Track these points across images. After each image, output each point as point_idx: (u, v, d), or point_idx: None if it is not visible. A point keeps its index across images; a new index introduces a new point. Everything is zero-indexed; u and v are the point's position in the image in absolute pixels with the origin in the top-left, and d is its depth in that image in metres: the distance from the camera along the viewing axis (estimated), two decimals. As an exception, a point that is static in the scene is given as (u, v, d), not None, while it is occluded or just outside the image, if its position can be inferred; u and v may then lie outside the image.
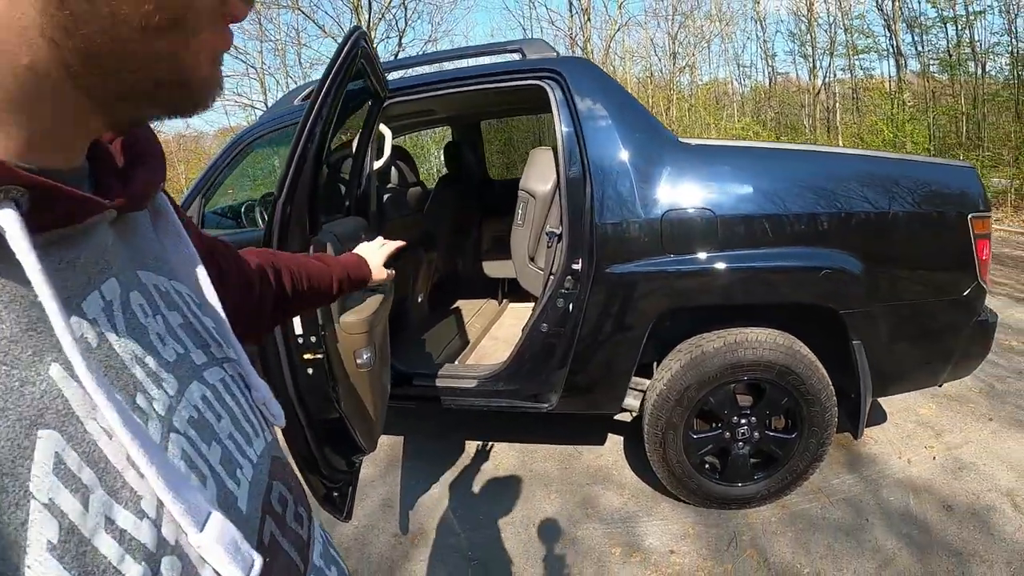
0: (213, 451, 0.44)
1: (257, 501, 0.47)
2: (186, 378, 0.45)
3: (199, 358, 0.48)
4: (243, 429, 0.49)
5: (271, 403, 0.56)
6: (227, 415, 0.48)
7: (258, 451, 0.51)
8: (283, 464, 0.56)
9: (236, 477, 0.45)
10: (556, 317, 2.47)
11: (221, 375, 0.50)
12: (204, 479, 0.41)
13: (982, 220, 2.33)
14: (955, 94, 11.85)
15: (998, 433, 3.03)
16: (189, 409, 0.43)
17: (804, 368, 2.34)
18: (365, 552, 2.53)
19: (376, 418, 2.11)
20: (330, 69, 1.79)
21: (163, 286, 0.48)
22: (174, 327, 0.47)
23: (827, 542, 2.36)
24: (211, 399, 0.47)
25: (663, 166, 2.32)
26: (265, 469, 0.51)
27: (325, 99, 1.79)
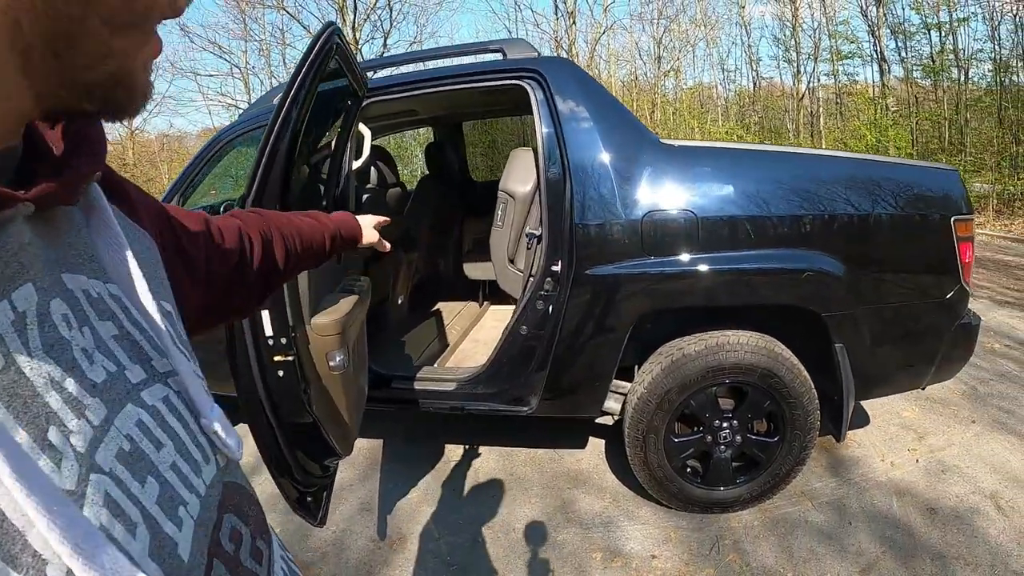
0: (149, 489, 0.38)
1: (204, 543, 0.41)
2: (118, 401, 0.39)
3: (136, 375, 0.42)
4: (190, 456, 0.43)
5: (225, 431, 0.48)
6: (170, 441, 0.42)
7: (208, 479, 0.45)
8: (239, 490, 0.49)
9: (177, 517, 0.39)
10: (535, 319, 2.44)
11: (164, 393, 0.44)
12: (134, 528, 0.35)
13: (965, 223, 2.32)
14: (938, 100, 11.97)
15: (981, 436, 3.03)
16: (119, 440, 0.37)
17: (786, 371, 2.32)
18: (343, 557, 2.49)
19: (351, 422, 2.07)
20: (301, 65, 1.74)
21: (95, 291, 0.42)
22: (105, 340, 0.41)
23: (810, 546, 2.34)
24: (149, 424, 0.41)
25: (644, 167, 2.29)
26: (215, 501, 0.45)
27: (297, 95, 1.74)
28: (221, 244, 0.76)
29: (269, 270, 0.87)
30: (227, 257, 0.77)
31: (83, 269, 0.42)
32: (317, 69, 1.77)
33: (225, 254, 0.76)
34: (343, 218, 1.15)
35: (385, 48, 16.37)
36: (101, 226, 0.46)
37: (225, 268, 0.76)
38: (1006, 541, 2.27)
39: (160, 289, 0.51)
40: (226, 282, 0.77)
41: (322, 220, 1.07)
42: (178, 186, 3.17)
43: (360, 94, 2.32)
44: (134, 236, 0.51)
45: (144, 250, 0.52)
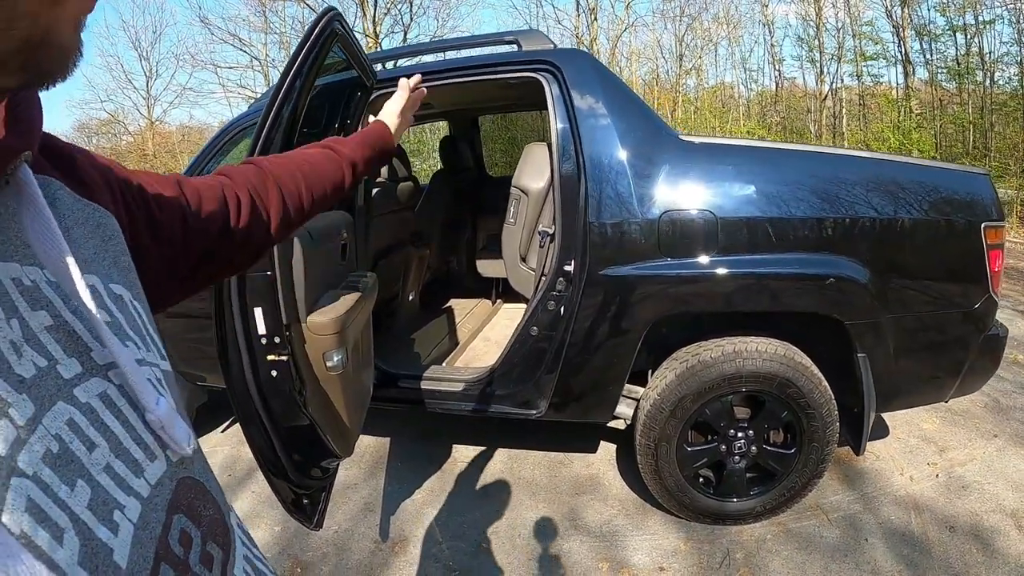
0: (79, 493, 0.35)
1: (148, 547, 0.39)
2: (48, 399, 0.36)
3: (70, 370, 0.39)
4: (128, 456, 0.40)
5: (172, 425, 0.44)
6: (104, 441, 0.39)
7: (153, 479, 0.42)
8: (194, 487, 0.46)
9: (112, 522, 0.36)
10: (547, 320, 2.37)
11: (101, 388, 0.41)
12: (61, 535, 0.32)
13: (995, 230, 2.24)
14: (963, 103, 11.80)
15: (1003, 450, 2.94)
16: (47, 441, 0.34)
17: (806, 381, 2.24)
18: (343, 558, 2.44)
19: (351, 423, 2.01)
20: (297, 52, 1.68)
21: (29, 278, 0.39)
22: (36, 332, 0.38)
23: (823, 563, 2.27)
24: (82, 423, 0.38)
25: (662, 164, 2.22)
26: (163, 501, 0.42)
27: (293, 82, 1.68)
28: (199, 209, 0.71)
29: (263, 229, 0.83)
30: (206, 223, 0.72)
31: (14, 256, 0.40)
32: (316, 56, 1.70)
33: (203, 220, 0.71)
34: (365, 135, 1.07)
35: (405, 43, 16.35)
36: (32, 210, 0.42)
37: (204, 235, 0.72)
38: (1027, 562, 2.19)
39: (113, 269, 0.48)
40: (207, 249, 0.73)
41: (338, 148, 0.99)
42: (189, 175, 3.12)
43: (368, 85, 2.26)
44: (83, 214, 0.48)
45: (96, 227, 0.49)
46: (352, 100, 2.37)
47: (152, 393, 0.44)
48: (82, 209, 0.48)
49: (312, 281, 1.82)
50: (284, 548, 2.52)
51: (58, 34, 0.37)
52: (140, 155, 21.97)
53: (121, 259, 0.51)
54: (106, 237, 0.50)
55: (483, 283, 4.21)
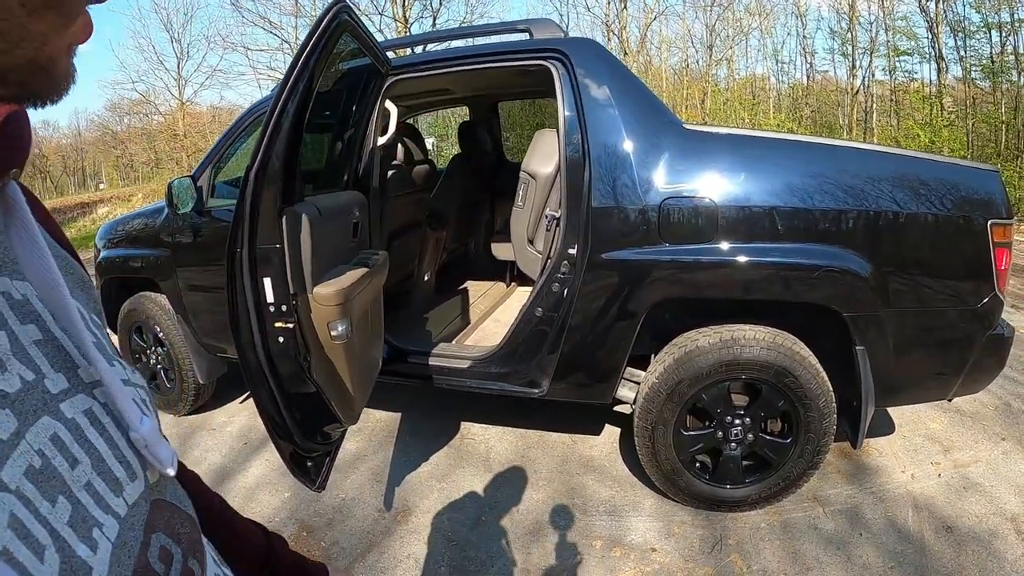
0: (60, 510, 0.35)
1: (127, 565, 0.39)
2: (32, 413, 0.36)
3: (56, 385, 0.39)
4: (109, 474, 0.40)
5: (155, 445, 0.45)
6: (87, 458, 0.39)
7: (131, 499, 0.42)
8: (169, 508, 0.47)
9: (92, 540, 0.36)
10: (551, 302, 2.43)
11: (86, 405, 0.41)
12: (41, 551, 0.32)
13: (1003, 227, 2.21)
14: (996, 102, 11.48)
15: (1010, 454, 2.90)
16: (29, 456, 0.34)
17: (803, 371, 2.26)
18: (347, 524, 2.54)
19: (356, 391, 2.09)
20: (306, 43, 1.79)
21: (19, 293, 0.40)
22: (25, 345, 0.38)
23: (815, 553, 2.29)
24: (66, 439, 0.38)
25: (664, 152, 2.25)
26: (140, 521, 0.42)
27: (304, 69, 1.78)
28: None
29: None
30: None
31: (3, 270, 0.40)
32: (323, 48, 1.80)
33: None
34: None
35: (434, 27, 16.34)
36: (20, 226, 0.42)
37: None
38: (1022, 568, 2.17)
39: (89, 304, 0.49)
40: None
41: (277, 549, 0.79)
42: (211, 158, 3.22)
43: (382, 71, 2.33)
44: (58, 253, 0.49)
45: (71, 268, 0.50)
46: (369, 85, 2.45)
47: (137, 412, 0.44)
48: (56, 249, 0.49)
49: (319, 254, 1.90)
50: (292, 513, 2.62)
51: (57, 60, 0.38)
52: (171, 135, 22.30)
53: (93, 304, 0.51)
54: (82, 279, 0.50)
55: (499, 265, 4.27)
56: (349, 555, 2.36)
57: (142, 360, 3.53)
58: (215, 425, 3.48)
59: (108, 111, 27.12)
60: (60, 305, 0.42)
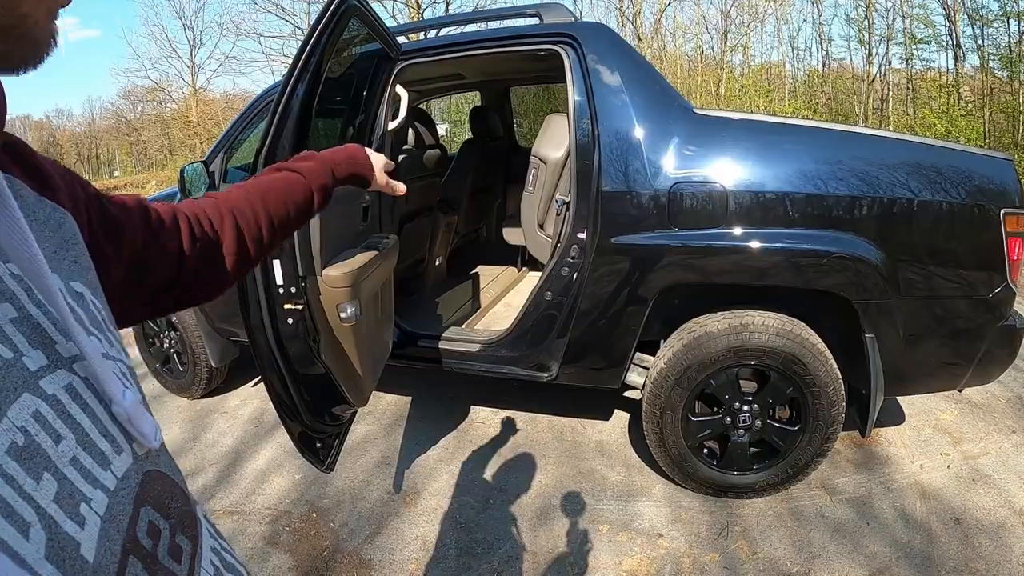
0: (44, 486, 0.35)
1: (116, 540, 0.39)
2: (12, 390, 0.36)
3: (35, 362, 0.39)
4: (95, 448, 0.40)
5: (138, 418, 0.44)
6: (71, 433, 0.39)
7: (120, 471, 0.41)
8: (160, 480, 0.46)
9: (79, 516, 0.36)
10: (560, 286, 2.44)
11: (67, 380, 0.41)
12: (27, 529, 0.32)
13: (1016, 217, 2.18)
14: (1014, 92, 11.30)
15: (1020, 447, 2.87)
16: (11, 433, 0.34)
17: (812, 358, 2.26)
18: (356, 506, 2.57)
19: (365, 373, 2.11)
20: (313, 29, 1.80)
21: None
22: (1, 324, 0.38)
23: (822, 542, 2.28)
24: (48, 415, 0.37)
25: (674, 136, 2.25)
26: (130, 495, 0.42)
27: (312, 53, 1.80)
28: (159, 228, 0.70)
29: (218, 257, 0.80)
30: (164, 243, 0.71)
31: None
32: (331, 34, 1.81)
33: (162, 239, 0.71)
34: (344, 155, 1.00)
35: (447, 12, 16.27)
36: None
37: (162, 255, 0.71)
38: (1030, 562, 2.16)
39: (73, 268, 0.48)
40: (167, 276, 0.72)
41: (307, 170, 0.93)
42: (223, 144, 3.24)
43: (393, 56, 2.34)
44: (44, 213, 0.48)
45: (57, 226, 0.49)
46: (379, 70, 2.46)
47: (118, 385, 0.44)
48: (43, 207, 0.48)
49: (328, 237, 1.92)
50: (302, 494, 2.65)
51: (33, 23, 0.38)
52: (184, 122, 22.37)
53: (81, 259, 0.50)
54: (66, 237, 0.49)
55: (510, 251, 4.28)
56: (358, 536, 2.39)
57: (155, 344, 3.57)
58: (228, 408, 3.52)
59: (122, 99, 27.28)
60: (40, 282, 0.41)
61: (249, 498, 2.67)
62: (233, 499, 2.68)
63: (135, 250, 0.65)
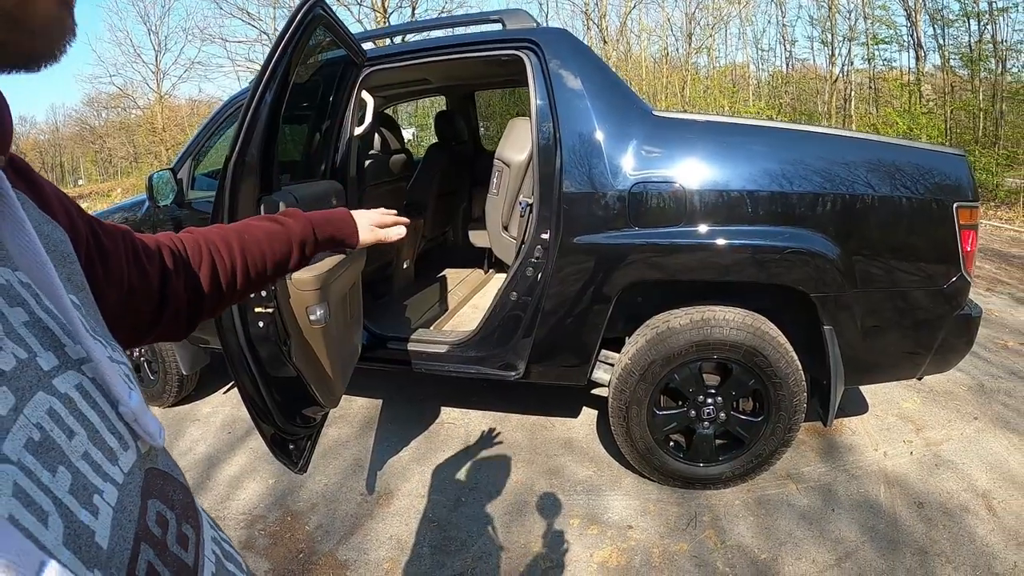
0: (60, 478, 0.36)
1: (128, 529, 0.40)
2: (28, 389, 0.37)
3: (48, 362, 0.40)
4: (104, 444, 0.42)
5: (144, 418, 0.46)
6: (83, 430, 0.40)
7: (126, 467, 0.43)
8: (163, 476, 0.48)
9: (92, 505, 0.38)
10: (525, 286, 2.47)
11: (77, 380, 0.42)
12: (45, 518, 0.34)
13: (969, 210, 2.25)
14: (974, 90, 11.60)
15: (982, 432, 2.95)
16: (28, 429, 0.36)
17: (772, 351, 2.31)
18: (331, 509, 2.58)
19: (335, 375, 2.13)
20: (280, 37, 1.82)
21: (3, 278, 0.41)
22: (16, 327, 0.39)
23: (789, 529, 2.34)
24: (61, 412, 0.39)
25: (634, 138, 2.29)
26: (137, 487, 0.44)
27: (279, 62, 1.82)
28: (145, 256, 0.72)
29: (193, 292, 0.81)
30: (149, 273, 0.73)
31: None
32: (298, 42, 1.84)
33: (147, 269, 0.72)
34: (330, 216, 1.02)
35: (413, 17, 16.26)
36: (6, 212, 0.43)
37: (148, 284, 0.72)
38: (994, 542, 2.22)
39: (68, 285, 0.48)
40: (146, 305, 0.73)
41: (287, 223, 0.95)
42: (190, 150, 3.22)
43: (358, 62, 2.36)
44: (47, 228, 0.50)
45: (58, 243, 0.50)
46: (345, 76, 2.48)
47: (125, 387, 0.46)
48: (45, 224, 0.49)
49: None
50: (277, 499, 2.65)
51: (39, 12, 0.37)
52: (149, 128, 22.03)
53: (75, 277, 0.51)
54: (64, 254, 0.50)
55: (477, 253, 4.30)
56: (333, 538, 2.40)
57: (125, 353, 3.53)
58: (200, 416, 3.50)
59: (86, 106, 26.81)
60: (49, 289, 0.43)
61: (224, 503, 2.67)
62: (208, 505, 2.67)
63: (122, 277, 0.67)
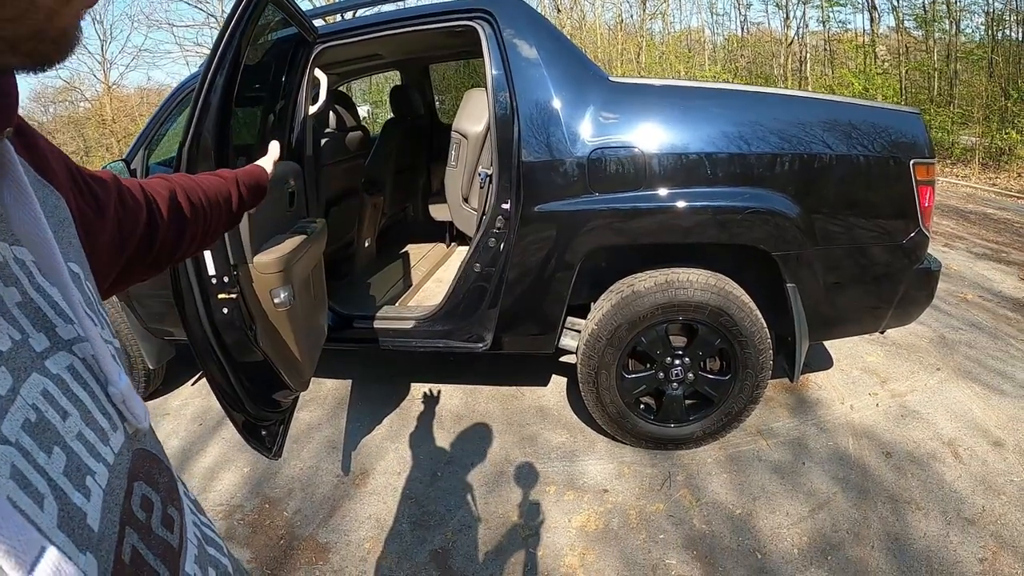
0: (55, 460, 0.36)
1: (115, 512, 0.41)
2: (23, 371, 0.37)
3: (40, 343, 0.40)
4: (96, 424, 0.42)
5: (132, 400, 0.47)
6: (76, 410, 0.41)
7: (116, 448, 0.44)
8: (149, 458, 0.49)
9: (85, 488, 0.38)
10: (488, 257, 2.47)
11: (68, 361, 0.42)
12: (41, 499, 0.34)
13: (925, 167, 2.29)
14: (928, 50, 11.79)
15: (945, 383, 3.03)
16: (25, 410, 0.36)
17: (737, 310, 2.34)
18: (308, 492, 2.56)
19: (303, 358, 2.11)
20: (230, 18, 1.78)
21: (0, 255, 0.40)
22: (10, 307, 0.39)
23: (762, 483, 2.39)
24: (55, 393, 0.39)
25: (590, 104, 2.28)
26: (124, 469, 0.44)
27: (229, 43, 1.78)
28: (129, 199, 0.74)
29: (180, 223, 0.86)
30: (136, 212, 0.75)
31: None
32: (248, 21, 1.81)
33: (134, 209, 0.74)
34: (247, 169, 1.16)
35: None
36: (12, 184, 0.43)
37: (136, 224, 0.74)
38: (961, 487, 2.29)
39: (69, 250, 0.49)
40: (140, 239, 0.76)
41: (224, 175, 1.07)
42: (143, 139, 3.14)
43: (310, 39, 2.31)
44: (44, 194, 0.49)
45: (54, 208, 0.50)
46: (297, 55, 2.43)
47: (115, 368, 0.46)
48: (42, 189, 0.49)
49: (257, 224, 1.91)
50: (253, 488, 2.62)
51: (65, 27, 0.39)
52: (99, 121, 21.39)
53: (74, 240, 0.51)
54: (62, 218, 0.50)
55: (438, 227, 4.28)
56: (313, 522, 2.39)
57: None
58: (170, 410, 3.44)
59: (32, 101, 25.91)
60: (50, 264, 0.43)
61: (201, 496, 2.63)
62: (182, 497, 2.64)
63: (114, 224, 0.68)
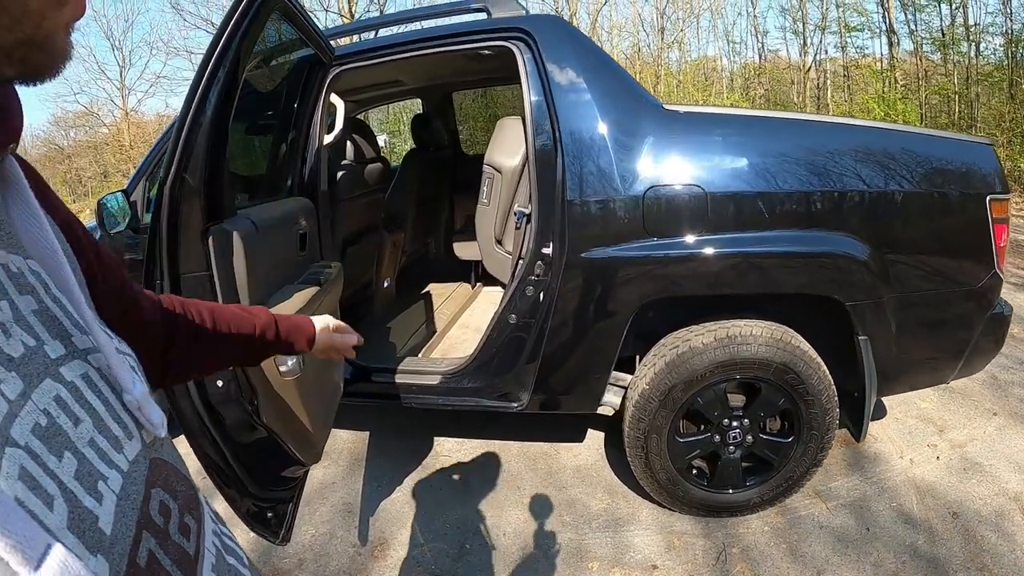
0: (66, 464, 0.37)
1: (131, 516, 0.41)
2: (36, 376, 0.38)
3: (55, 351, 0.42)
4: (109, 432, 0.43)
5: (147, 407, 0.47)
6: (88, 417, 0.41)
7: (131, 455, 0.44)
8: (166, 467, 0.49)
9: (97, 492, 0.39)
10: (525, 307, 2.25)
11: (83, 369, 0.43)
12: (51, 501, 0.35)
13: (1000, 203, 2.14)
14: (947, 73, 11.77)
15: (1004, 429, 2.87)
16: (36, 415, 0.37)
17: (804, 366, 2.13)
18: (321, 563, 2.33)
19: (316, 428, 1.86)
20: (230, 15, 1.51)
21: (15, 266, 0.42)
22: (25, 315, 0.40)
23: (825, 555, 2.19)
24: (68, 400, 0.40)
25: (646, 136, 2.08)
26: (141, 476, 0.44)
27: (225, 50, 1.50)
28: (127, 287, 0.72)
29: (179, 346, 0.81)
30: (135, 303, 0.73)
31: (1, 243, 0.42)
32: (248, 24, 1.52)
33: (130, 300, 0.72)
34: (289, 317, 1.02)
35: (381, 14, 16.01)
36: (19, 201, 0.45)
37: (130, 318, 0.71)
38: (1033, 550, 2.11)
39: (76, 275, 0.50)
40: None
41: (254, 311, 0.96)
42: (144, 170, 3.00)
43: (325, 61, 2.10)
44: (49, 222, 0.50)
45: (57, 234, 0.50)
46: (311, 78, 2.23)
47: (131, 377, 0.47)
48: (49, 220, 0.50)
49: (257, 277, 1.65)
50: (260, 556, 2.39)
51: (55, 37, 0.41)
52: (117, 146, 21.69)
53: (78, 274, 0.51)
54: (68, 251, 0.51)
55: (462, 266, 4.09)
56: (324, 599, 2.15)
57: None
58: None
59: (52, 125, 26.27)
60: (60, 277, 0.46)
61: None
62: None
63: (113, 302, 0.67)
